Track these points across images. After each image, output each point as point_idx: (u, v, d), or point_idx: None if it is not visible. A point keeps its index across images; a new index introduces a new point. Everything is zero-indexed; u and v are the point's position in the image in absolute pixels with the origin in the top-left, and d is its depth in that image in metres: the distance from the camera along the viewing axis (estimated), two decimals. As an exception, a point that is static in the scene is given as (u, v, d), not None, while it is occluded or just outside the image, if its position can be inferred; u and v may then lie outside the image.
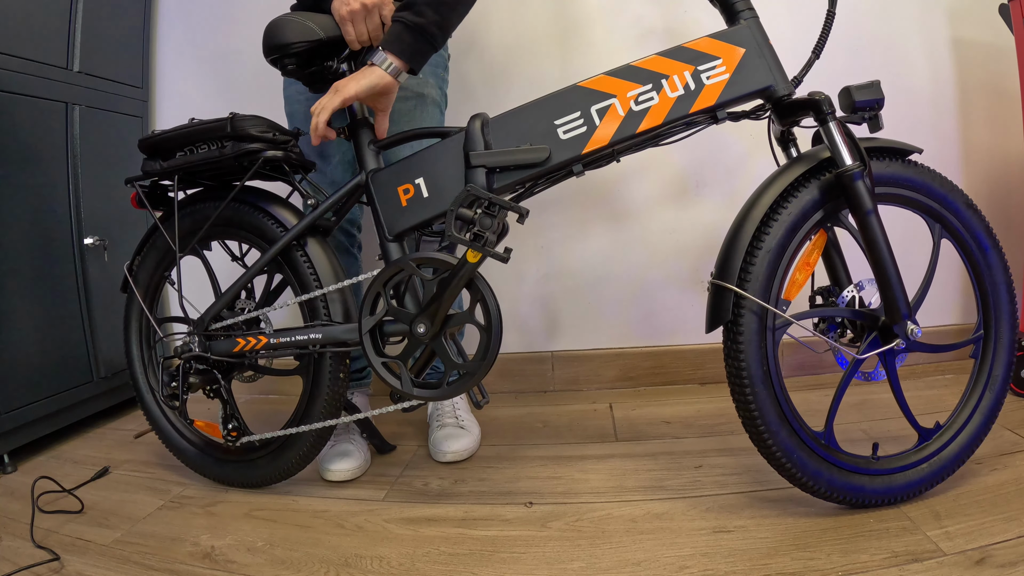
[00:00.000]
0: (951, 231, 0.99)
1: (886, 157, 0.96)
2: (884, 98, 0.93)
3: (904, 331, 0.93)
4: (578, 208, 1.66)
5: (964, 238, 0.99)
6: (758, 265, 0.92)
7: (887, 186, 0.96)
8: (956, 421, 0.99)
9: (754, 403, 0.91)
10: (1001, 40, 1.49)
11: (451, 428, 1.31)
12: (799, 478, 0.93)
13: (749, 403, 0.92)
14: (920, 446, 0.98)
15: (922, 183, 0.97)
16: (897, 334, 0.93)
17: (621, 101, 0.94)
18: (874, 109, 0.93)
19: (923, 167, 0.98)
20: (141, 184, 1.17)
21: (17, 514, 1.11)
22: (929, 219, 0.99)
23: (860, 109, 0.93)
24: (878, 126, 0.95)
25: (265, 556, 0.96)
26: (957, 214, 0.98)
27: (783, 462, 0.92)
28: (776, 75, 0.93)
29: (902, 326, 0.93)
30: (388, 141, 1.08)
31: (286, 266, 1.11)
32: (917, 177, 0.97)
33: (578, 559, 0.89)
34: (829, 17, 1.00)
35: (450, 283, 0.96)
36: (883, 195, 0.96)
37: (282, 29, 1.01)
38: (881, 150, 0.96)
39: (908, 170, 0.96)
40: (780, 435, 0.92)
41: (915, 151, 0.97)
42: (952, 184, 0.99)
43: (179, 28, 1.82)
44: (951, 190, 0.98)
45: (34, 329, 1.39)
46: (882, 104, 0.93)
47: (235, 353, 1.11)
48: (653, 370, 1.67)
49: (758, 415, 0.91)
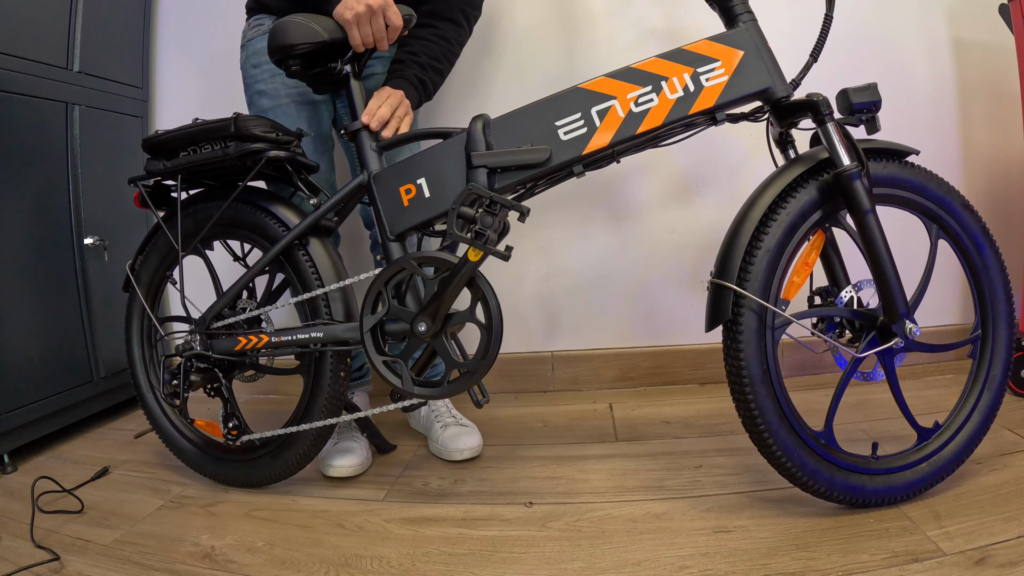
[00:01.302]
0: (948, 232, 0.99)
1: (883, 158, 0.97)
2: (881, 100, 0.93)
3: (903, 330, 0.93)
4: (578, 208, 1.66)
5: (961, 239, 0.99)
6: (757, 264, 0.92)
7: (884, 187, 0.96)
8: (955, 421, 0.99)
9: (754, 402, 0.92)
10: (1001, 40, 1.49)
11: (455, 427, 1.31)
12: (799, 477, 0.93)
13: (749, 402, 0.92)
14: (919, 446, 0.98)
15: (919, 184, 0.97)
16: (896, 333, 0.93)
17: (621, 103, 0.95)
18: (871, 111, 0.94)
19: (920, 168, 0.98)
20: (144, 184, 1.17)
21: (17, 514, 1.11)
22: (926, 220, 1.00)
23: (858, 111, 0.94)
24: (875, 128, 0.95)
25: (265, 556, 0.96)
26: (954, 215, 0.99)
27: (783, 461, 0.92)
28: (774, 77, 0.94)
29: (900, 325, 0.93)
30: (390, 142, 1.08)
31: (288, 265, 1.12)
32: (914, 178, 0.97)
33: (578, 559, 0.90)
34: (827, 21, 1.01)
35: (451, 282, 0.96)
36: (881, 196, 0.96)
37: (286, 30, 1.01)
38: (878, 151, 0.97)
39: (905, 171, 0.97)
40: (780, 434, 0.92)
41: (912, 152, 0.97)
42: (949, 185, 0.99)
43: (179, 28, 1.82)
44: (948, 191, 0.99)
45: (34, 329, 1.39)
46: (879, 106, 0.94)
47: (236, 352, 1.11)
48: (653, 370, 1.67)
49: (758, 414, 0.92)
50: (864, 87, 0.93)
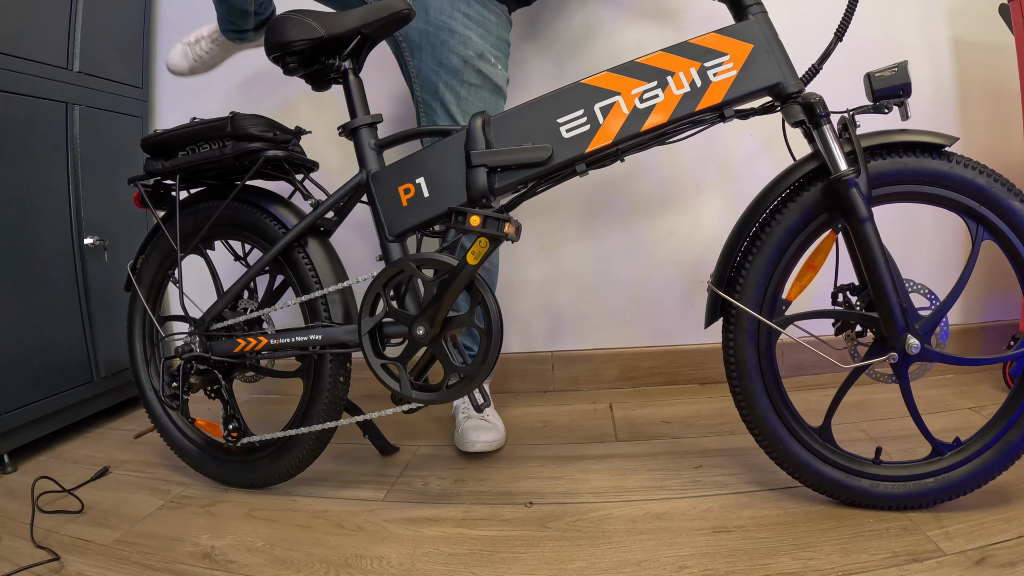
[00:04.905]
0: (994, 232, 0.88)
1: (910, 152, 0.88)
2: (911, 82, 0.86)
3: (902, 346, 0.88)
4: (579, 208, 1.66)
5: (1012, 240, 0.87)
6: (751, 271, 0.92)
7: (910, 184, 0.88)
8: (978, 441, 0.91)
9: (741, 393, 0.93)
10: (1001, 40, 1.49)
11: (477, 420, 1.32)
12: (787, 468, 0.94)
13: (738, 393, 0.93)
14: (931, 459, 0.92)
15: (958, 178, 0.86)
16: (893, 348, 0.89)
17: (625, 99, 0.91)
18: (901, 96, 0.86)
19: (960, 159, 0.87)
20: (144, 184, 1.17)
21: (17, 514, 1.11)
22: (967, 218, 0.89)
23: (881, 97, 0.87)
24: (906, 114, 0.87)
25: (265, 556, 0.96)
26: (1004, 212, 0.86)
27: (770, 452, 0.94)
28: (785, 71, 0.89)
29: (899, 340, 0.88)
30: (389, 140, 1.08)
31: (287, 266, 1.11)
32: (951, 172, 0.86)
33: (578, 559, 0.89)
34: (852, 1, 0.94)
35: (450, 285, 0.96)
36: (906, 194, 0.89)
37: (284, 28, 1.01)
38: (904, 145, 0.88)
39: (940, 164, 0.87)
40: (769, 423, 0.93)
41: (949, 142, 0.87)
42: (999, 177, 0.87)
43: (179, 28, 1.81)
44: (996, 183, 0.86)
45: (34, 329, 1.39)
46: (909, 90, 0.86)
47: (235, 354, 1.11)
48: (653, 370, 1.67)
49: (745, 405, 0.93)
50: (890, 69, 0.85)
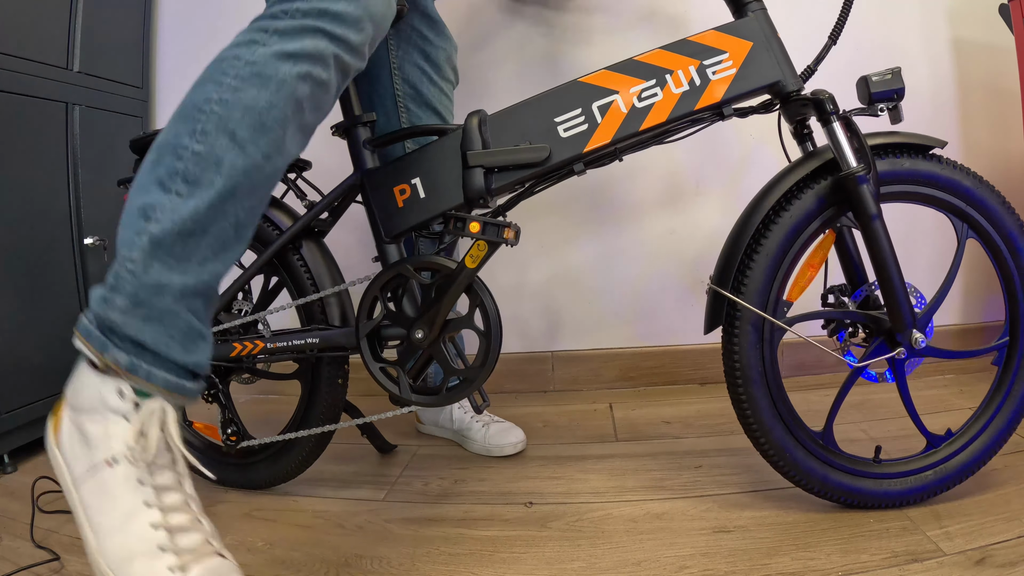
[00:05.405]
0: (979, 230, 0.93)
1: (905, 153, 0.91)
2: (904, 87, 0.88)
3: (908, 340, 0.90)
4: (579, 208, 1.66)
5: (994, 238, 0.93)
6: (755, 271, 0.91)
7: (905, 184, 0.91)
8: (969, 430, 0.95)
9: (747, 402, 0.92)
10: (1001, 40, 1.49)
11: (496, 424, 1.33)
12: (793, 476, 0.93)
13: (742, 401, 0.92)
14: (927, 452, 0.95)
15: (946, 179, 0.91)
16: (900, 343, 0.91)
17: (624, 97, 0.91)
18: (894, 100, 0.89)
19: (949, 162, 0.92)
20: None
21: (17, 514, 1.11)
22: (954, 218, 0.93)
23: (879, 100, 0.89)
24: (899, 118, 0.91)
25: (265, 556, 0.95)
26: (987, 212, 0.92)
27: (776, 460, 0.93)
28: (785, 69, 0.89)
29: (906, 335, 0.90)
30: (384, 139, 1.07)
31: (282, 269, 1.10)
32: (941, 173, 0.91)
33: (578, 559, 0.89)
34: (847, 2, 0.97)
35: (448, 288, 0.95)
36: (901, 194, 0.91)
37: None
38: (899, 146, 0.92)
39: (931, 166, 0.91)
40: (774, 433, 0.92)
41: (938, 145, 0.91)
42: (983, 180, 0.93)
43: (179, 28, 1.82)
44: (982, 186, 0.92)
45: (34, 329, 1.39)
46: (903, 94, 0.89)
47: (231, 358, 1.10)
48: (653, 370, 1.67)
49: (750, 413, 0.92)
50: (886, 73, 0.88)
